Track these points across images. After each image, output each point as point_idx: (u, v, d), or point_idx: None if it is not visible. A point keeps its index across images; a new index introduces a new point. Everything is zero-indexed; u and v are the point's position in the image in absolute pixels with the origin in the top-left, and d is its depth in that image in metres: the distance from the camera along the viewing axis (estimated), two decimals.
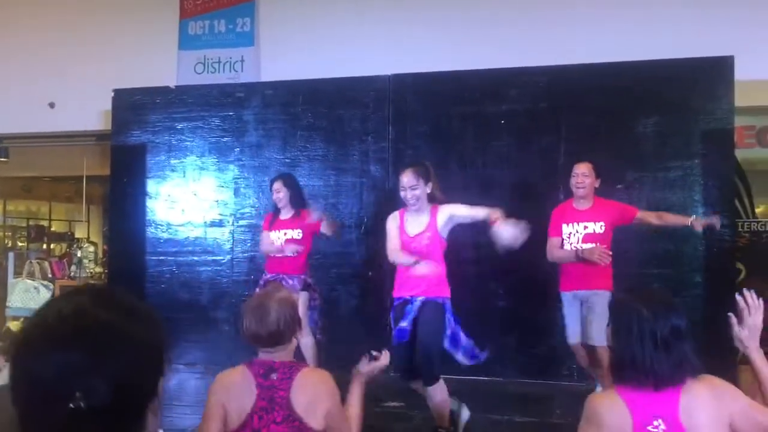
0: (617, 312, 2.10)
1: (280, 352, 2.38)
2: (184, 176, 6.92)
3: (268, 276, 5.40)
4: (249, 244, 6.63)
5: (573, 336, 4.92)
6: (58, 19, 8.02)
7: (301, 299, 5.12)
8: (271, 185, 5.51)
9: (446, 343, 4.11)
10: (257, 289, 5.40)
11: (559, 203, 5.21)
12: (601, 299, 4.62)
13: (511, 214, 5.99)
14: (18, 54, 8.02)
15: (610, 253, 4.77)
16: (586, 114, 6.01)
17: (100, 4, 7.92)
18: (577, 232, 4.87)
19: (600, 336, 4.46)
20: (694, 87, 5.84)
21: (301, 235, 5.33)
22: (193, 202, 6.87)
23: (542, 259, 5.33)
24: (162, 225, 6.94)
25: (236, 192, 6.78)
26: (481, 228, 4.25)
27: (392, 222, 4.39)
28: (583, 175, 4.89)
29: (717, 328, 5.54)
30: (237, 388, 2.30)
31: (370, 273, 6.33)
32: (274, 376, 2.30)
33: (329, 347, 6.23)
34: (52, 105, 7.86)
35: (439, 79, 6.34)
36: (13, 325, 8.47)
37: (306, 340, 5.20)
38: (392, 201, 6.33)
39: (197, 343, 6.46)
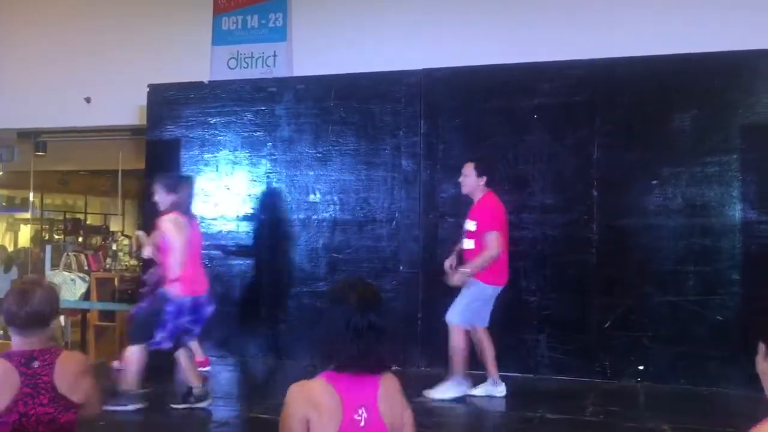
0: (328, 299, 2.21)
1: (39, 336, 2.49)
2: (217, 170, 6.98)
3: None
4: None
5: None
6: (93, 15, 8.15)
7: None
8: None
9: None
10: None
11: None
12: (472, 286, 4.96)
13: (544, 208, 5.97)
14: (55, 50, 8.17)
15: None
16: (622, 108, 5.93)
17: (135, 0, 8.03)
18: (467, 228, 5.09)
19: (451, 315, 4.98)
20: (733, 81, 5.73)
21: None
22: (225, 196, 6.92)
23: (571, 255, 5.29)
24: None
25: (269, 186, 6.82)
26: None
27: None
28: (463, 174, 5.12)
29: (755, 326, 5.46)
30: None
31: (401, 267, 6.33)
32: (35, 364, 2.43)
33: None
34: (88, 100, 7.99)
35: (471, 74, 6.30)
36: None
37: None
38: (424, 196, 6.35)
39: (230, 336, 6.51)
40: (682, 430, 4.45)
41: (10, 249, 12.98)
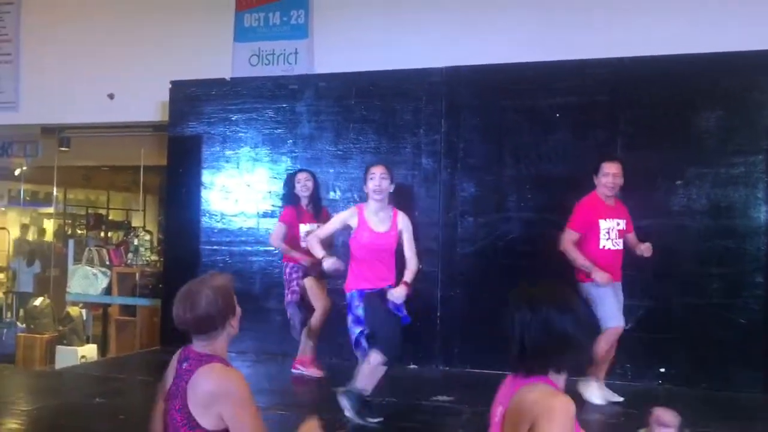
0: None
1: (211, 340, 2.33)
2: (238, 167, 7.01)
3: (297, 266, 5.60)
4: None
5: (621, 319, 4.98)
6: (117, 12, 8.20)
7: (322, 285, 5.61)
8: (298, 175, 5.77)
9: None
10: (296, 280, 5.62)
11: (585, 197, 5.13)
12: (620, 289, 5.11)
13: (565, 208, 5.90)
14: (79, 47, 8.23)
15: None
16: (645, 107, 5.88)
17: None
18: (614, 228, 5.01)
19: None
20: (758, 80, 5.65)
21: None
22: (246, 192, 6.95)
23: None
24: (216, 215, 7.05)
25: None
26: None
27: (348, 215, 4.61)
28: (615, 175, 4.99)
29: None
30: (170, 366, 2.41)
31: (420, 266, 6.30)
32: (185, 365, 2.31)
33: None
34: (111, 96, 8.05)
35: (493, 72, 6.27)
36: (73, 310, 8.73)
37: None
38: (444, 194, 6.33)
39: (248, 331, 6.50)
40: None
41: (33, 243, 13.14)
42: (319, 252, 4.55)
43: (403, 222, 4.62)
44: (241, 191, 6.97)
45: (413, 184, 6.41)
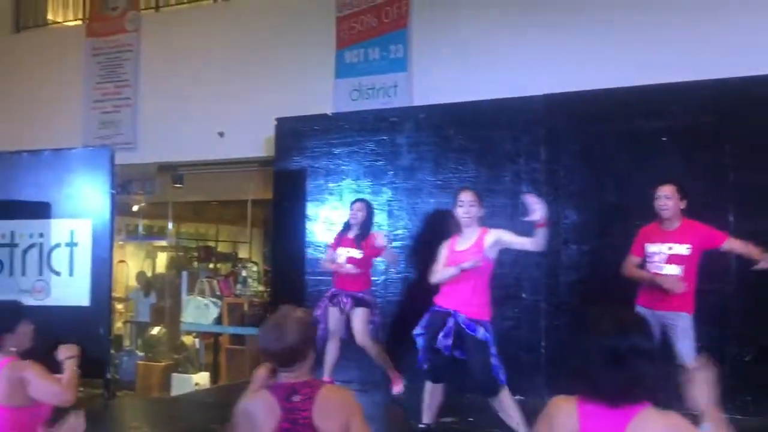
0: (577, 325, 2.07)
1: (299, 371, 2.41)
2: (341, 199, 7.18)
3: (333, 290, 6.01)
4: (402, 265, 6.74)
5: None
6: (225, 54, 8.66)
7: (358, 314, 5.85)
8: (352, 205, 6.05)
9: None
10: (323, 301, 6.01)
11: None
12: (681, 320, 4.74)
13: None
14: (191, 89, 8.73)
15: (684, 284, 4.73)
16: (756, 128, 5.63)
17: (263, 38, 8.47)
18: (661, 252, 4.82)
19: (685, 355, 4.66)
20: None
21: (361, 255, 5.82)
22: None
23: (707, 284, 5.03)
24: (320, 246, 7.22)
25: (390, 214, 6.94)
26: None
27: (443, 247, 4.77)
28: (665, 197, 4.83)
29: None
30: (260, 413, 2.35)
31: (523, 295, 6.25)
32: (296, 398, 2.33)
33: None
34: (221, 134, 8.47)
35: (591, 97, 6.19)
36: (187, 339, 9.12)
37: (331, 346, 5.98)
38: (547, 222, 6.24)
39: (353, 361, 6.61)
40: None
41: (149, 275, 13.83)
42: (445, 271, 4.64)
43: (492, 234, 4.61)
44: (343, 223, 7.12)
45: (513, 214, 6.37)
